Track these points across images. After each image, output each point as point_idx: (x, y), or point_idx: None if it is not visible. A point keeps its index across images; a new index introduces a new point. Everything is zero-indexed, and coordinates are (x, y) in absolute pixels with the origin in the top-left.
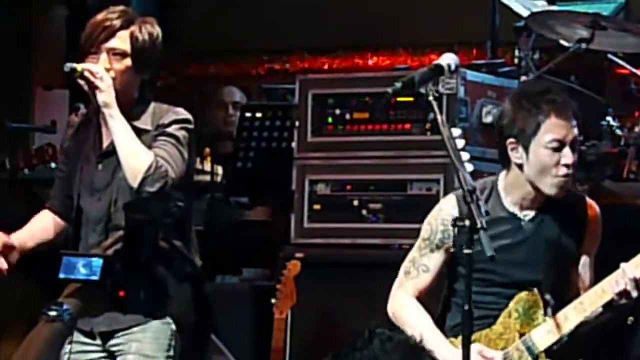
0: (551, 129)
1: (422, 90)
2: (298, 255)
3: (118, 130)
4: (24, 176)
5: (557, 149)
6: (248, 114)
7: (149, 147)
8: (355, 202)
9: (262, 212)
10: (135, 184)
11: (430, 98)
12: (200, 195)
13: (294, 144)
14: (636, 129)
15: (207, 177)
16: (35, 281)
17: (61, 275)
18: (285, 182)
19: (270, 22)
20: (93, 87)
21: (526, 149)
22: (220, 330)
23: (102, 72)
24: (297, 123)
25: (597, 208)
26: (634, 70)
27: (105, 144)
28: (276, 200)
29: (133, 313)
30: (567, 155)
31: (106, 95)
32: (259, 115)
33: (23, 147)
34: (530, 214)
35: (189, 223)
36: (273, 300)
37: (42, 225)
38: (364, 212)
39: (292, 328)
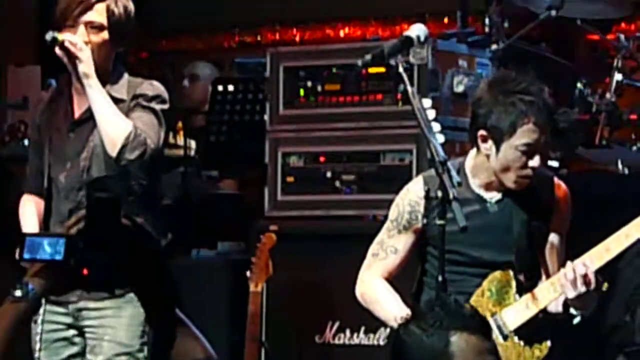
0: (526, 133)
1: (392, 62)
2: (272, 227)
3: (97, 99)
4: None
5: (527, 152)
6: (220, 88)
7: (126, 116)
8: (329, 174)
9: (235, 185)
10: (114, 152)
11: (401, 70)
12: (173, 169)
13: (266, 117)
14: (607, 96)
15: (180, 152)
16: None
17: (25, 256)
18: (258, 155)
19: None
20: (74, 58)
21: (497, 145)
22: (196, 304)
23: (81, 43)
24: (268, 96)
25: (565, 187)
26: (604, 36)
27: (77, 113)
28: (249, 173)
29: (97, 291)
30: (536, 160)
31: (86, 66)
32: (230, 88)
33: None
34: (497, 196)
35: (154, 198)
36: (248, 274)
37: (34, 215)
38: (338, 183)
39: (267, 300)
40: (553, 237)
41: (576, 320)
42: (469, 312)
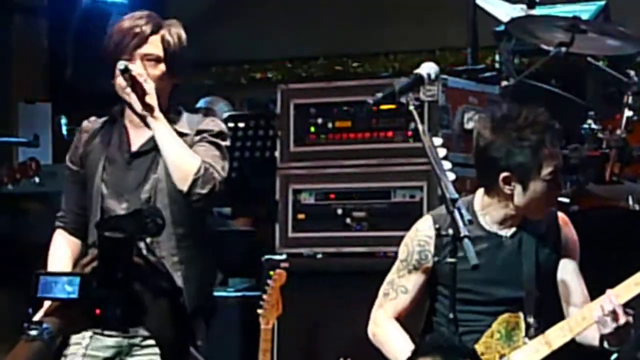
0: (549, 162)
1: (403, 100)
2: (283, 265)
3: (164, 133)
4: (7, 191)
5: (553, 180)
6: (231, 124)
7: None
8: (339, 211)
9: (245, 222)
10: (185, 187)
11: (411, 107)
12: None
13: (276, 153)
14: (617, 132)
15: None
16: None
17: (39, 295)
18: (269, 191)
19: (250, 32)
20: (140, 89)
21: (523, 183)
22: (207, 341)
23: (145, 75)
24: (279, 133)
25: (565, 217)
26: (614, 73)
27: (134, 145)
28: (260, 210)
29: (110, 330)
30: (560, 186)
31: (151, 98)
32: (241, 125)
33: (6, 161)
34: (511, 231)
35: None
36: (259, 311)
37: (68, 255)
38: (348, 220)
39: (278, 338)
40: (568, 266)
41: (613, 357)
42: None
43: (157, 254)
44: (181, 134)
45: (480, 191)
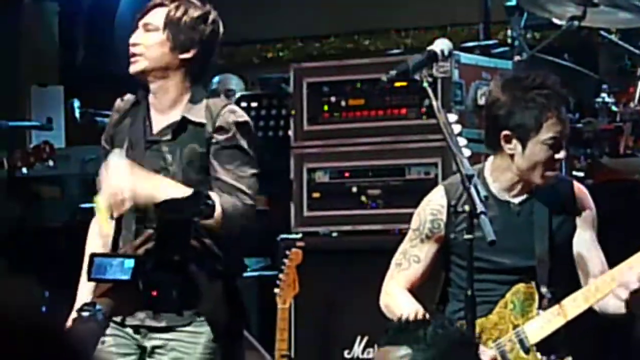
0: (551, 127)
1: (417, 77)
2: (299, 244)
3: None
4: (21, 175)
5: (554, 146)
6: (244, 104)
7: (205, 141)
8: (354, 189)
9: (260, 201)
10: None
11: (425, 84)
12: None
13: (290, 133)
14: (631, 105)
15: None
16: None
17: (93, 277)
18: (283, 170)
19: (262, 11)
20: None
21: (523, 142)
22: None
23: (115, 186)
24: (292, 112)
25: (583, 188)
26: (627, 46)
27: (155, 129)
28: (274, 190)
29: (165, 312)
30: (562, 153)
31: (141, 199)
32: (254, 105)
33: (20, 145)
34: (520, 198)
35: None
36: (276, 290)
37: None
38: (363, 198)
39: (295, 317)
40: (584, 235)
41: None
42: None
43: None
44: (194, 124)
45: (490, 158)
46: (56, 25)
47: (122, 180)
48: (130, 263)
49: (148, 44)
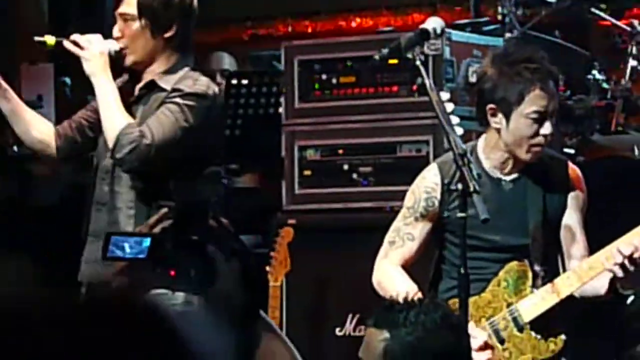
0: (535, 100)
1: (409, 55)
2: (290, 221)
3: (100, 98)
4: (13, 153)
5: (538, 120)
6: (234, 81)
7: (160, 105)
8: (346, 167)
9: (251, 179)
10: (111, 148)
11: (418, 62)
12: None
13: (281, 110)
14: (622, 82)
15: None
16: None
17: (109, 255)
18: (274, 148)
19: None
20: (78, 57)
21: (507, 116)
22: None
23: (88, 40)
24: (283, 90)
25: (578, 170)
26: (617, 22)
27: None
28: (266, 167)
29: (183, 291)
30: (547, 127)
31: (90, 65)
32: (245, 82)
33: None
34: (512, 176)
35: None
36: (267, 268)
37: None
38: (355, 175)
39: (287, 295)
40: (573, 216)
41: (630, 299)
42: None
43: (114, 205)
44: (157, 88)
45: (483, 136)
46: (46, 2)
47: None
48: (146, 242)
49: (129, 34)
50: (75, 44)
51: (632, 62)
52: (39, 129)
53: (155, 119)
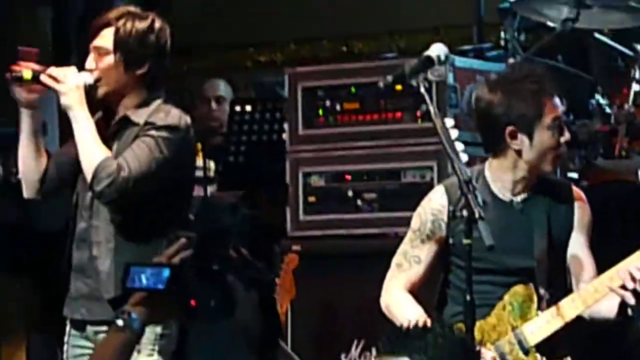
0: (552, 109)
1: (413, 82)
2: (295, 248)
3: (77, 131)
4: (17, 180)
5: (558, 128)
6: (238, 108)
7: (134, 139)
8: (350, 193)
9: (255, 205)
10: (89, 182)
11: (422, 90)
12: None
13: (284, 136)
14: (625, 106)
15: (200, 173)
16: (34, 288)
17: (128, 285)
18: (279, 174)
19: (254, 15)
20: (55, 91)
21: (529, 133)
22: (222, 325)
23: (64, 74)
24: (287, 116)
25: (581, 193)
26: (620, 47)
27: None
28: (270, 193)
29: (203, 322)
30: (566, 134)
31: (66, 98)
32: (248, 108)
33: (15, 151)
34: (522, 196)
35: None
36: (268, 293)
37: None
38: (359, 202)
39: (292, 321)
40: (580, 239)
41: None
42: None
43: (94, 239)
44: (130, 123)
45: (489, 160)
46: (50, 31)
47: (73, 78)
48: (165, 272)
49: (103, 68)
50: (52, 77)
51: (635, 87)
52: (38, 169)
53: (131, 152)
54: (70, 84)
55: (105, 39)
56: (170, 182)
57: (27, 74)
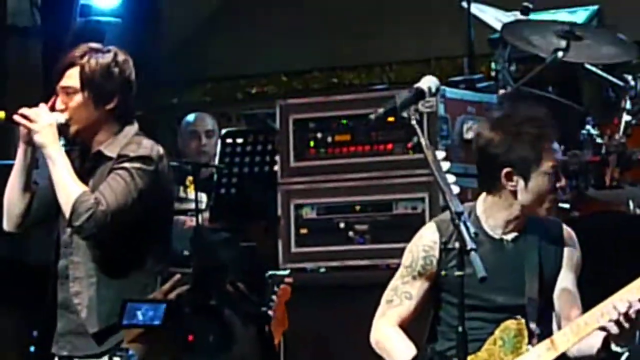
0: (550, 155)
1: (405, 115)
2: (287, 280)
3: (53, 169)
4: None
5: (554, 174)
6: (229, 140)
7: (109, 173)
8: (342, 225)
9: (247, 237)
10: (67, 218)
11: (413, 122)
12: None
13: (276, 168)
14: (616, 137)
15: (191, 205)
16: (25, 314)
17: (124, 322)
18: (270, 206)
19: (245, 47)
20: (28, 130)
21: (525, 177)
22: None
23: (36, 113)
24: (279, 148)
25: (572, 231)
26: (611, 78)
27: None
28: (262, 225)
29: (201, 357)
30: (562, 179)
31: (40, 137)
32: (239, 141)
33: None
34: (512, 234)
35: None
36: (265, 328)
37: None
38: (351, 233)
39: (285, 353)
40: (568, 277)
41: (624, 357)
42: None
43: (75, 275)
44: (103, 157)
45: (483, 196)
46: (40, 62)
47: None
48: (160, 308)
49: (73, 107)
50: (25, 117)
51: (626, 117)
52: (21, 204)
53: (107, 185)
54: (42, 122)
55: (72, 78)
56: (148, 213)
57: (0, 114)
